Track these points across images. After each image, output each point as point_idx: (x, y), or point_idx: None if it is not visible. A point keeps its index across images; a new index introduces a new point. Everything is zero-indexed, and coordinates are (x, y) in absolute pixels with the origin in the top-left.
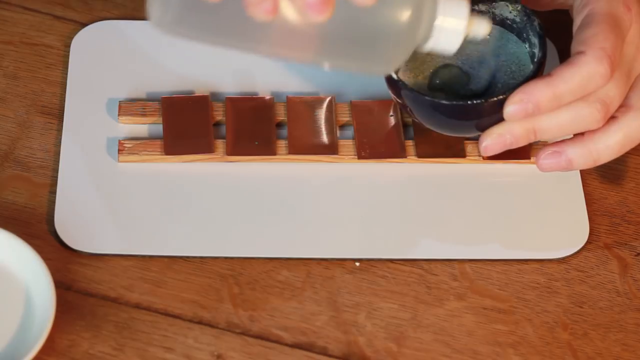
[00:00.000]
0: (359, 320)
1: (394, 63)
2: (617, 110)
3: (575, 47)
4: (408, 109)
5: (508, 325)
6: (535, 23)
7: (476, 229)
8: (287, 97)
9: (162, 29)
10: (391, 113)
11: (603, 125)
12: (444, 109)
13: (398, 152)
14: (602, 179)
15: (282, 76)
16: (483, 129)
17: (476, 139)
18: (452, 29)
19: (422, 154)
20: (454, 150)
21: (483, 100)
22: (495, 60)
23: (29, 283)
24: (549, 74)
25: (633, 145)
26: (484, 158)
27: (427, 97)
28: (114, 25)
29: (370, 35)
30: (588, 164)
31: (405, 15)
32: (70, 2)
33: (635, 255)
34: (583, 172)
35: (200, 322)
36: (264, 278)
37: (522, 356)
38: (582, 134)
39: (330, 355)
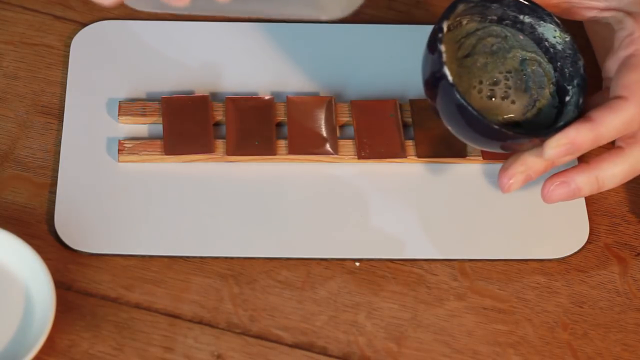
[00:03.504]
0: (359, 320)
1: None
2: (624, 141)
3: (617, 90)
4: (436, 107)
5: (508, 325)
6: (580, 63)
7: (476, 229)
8: (287, 97)
9: None
10: (391, 113)
11: (610, 155)
12: (482, 127)
13: (398, 152)
14: None
15: (282, 76)
16: (507, 150)
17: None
18: None
19: (422, 154)
20: (454, 150)
21: (525, 135)
22: (524, 72)
23: (29, 283)
24: (589, 117)
25: (636, 175)
26: (483, 156)
27: (474, 113)
28: (114, 25)
29: None
30: (593, 191)
31: None
32: (70, 2)
33: (635, 255)
34: None
35: (200, 322)
36: (264, 278)
37: (522, 356)
38: (586, 162)
39: (330, 355)
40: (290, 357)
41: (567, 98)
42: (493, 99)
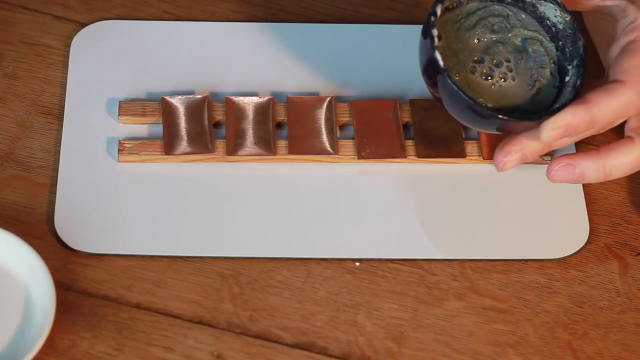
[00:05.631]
0: (359, 320)
1: None
2: (634, 131)
3: (615, 73)
4: (434, 93)
5: (508, 325)
6: (580, 43)
7: (476, 229)
8: (287, 97)
9: None
10: (391, 113)
11: (619, 144)
12: (476, 111)
13: (398, 152)
14: None
15: (282, 76)
16: (503, 132)
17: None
18: None
19: (422, 154)
20: (454, 150)
21: (519, 119)
22: (525, 51)
23: (29, 283)
24: (585, 99)
25: None
26: (483, 156)
27: (466, 97)
28: (114, 25)
29: None
30: (599, 179)
31: None
32: (70, 2)
33: (635, 255)
34: None
35: (200, 322)
36: (264, 278)
37: (522, 356)
38: (597, 149)
39: (330, 355)
40: (290, 357)
41: (567, 78)
42: (492, 79)
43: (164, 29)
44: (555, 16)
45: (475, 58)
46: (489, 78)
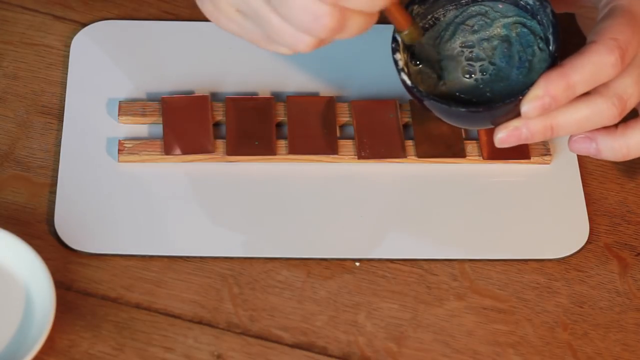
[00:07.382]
0: (359, 320)
1: None
2: None
3: (589, 37)
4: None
5: (508, 325)
6: (549, 10)
7: (476, 229)
8: (287, 97)
9: None
10: (391, 113)
11: (635, 121)
12: (460, 114)
13: (398, 152)
14: (602, 179)
15: (282, 76)
16: (500, 123)
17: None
18: None
19: (422, 154)
20: (454, 150)
21: (498, 104)
22: (509, 39)
23: (29, 283)
24: (560, 65)
25: None
26: (483, 156)
27: (443, 105)
28: (114, 25)
29: None
30: (617, 157)
31: None
32: (70, 2)
33: (635, 255)
34: (583, 172)
35: (200, 322)
36: (264, 278)
37: (522, 356)
38: (615, 125)
39: (330, 355)
40: (290, 357)
41: (551, 47)
42: (483, 74)
43: (164, 29)
44: None
45: (463, 62)
46: (475, 75)
